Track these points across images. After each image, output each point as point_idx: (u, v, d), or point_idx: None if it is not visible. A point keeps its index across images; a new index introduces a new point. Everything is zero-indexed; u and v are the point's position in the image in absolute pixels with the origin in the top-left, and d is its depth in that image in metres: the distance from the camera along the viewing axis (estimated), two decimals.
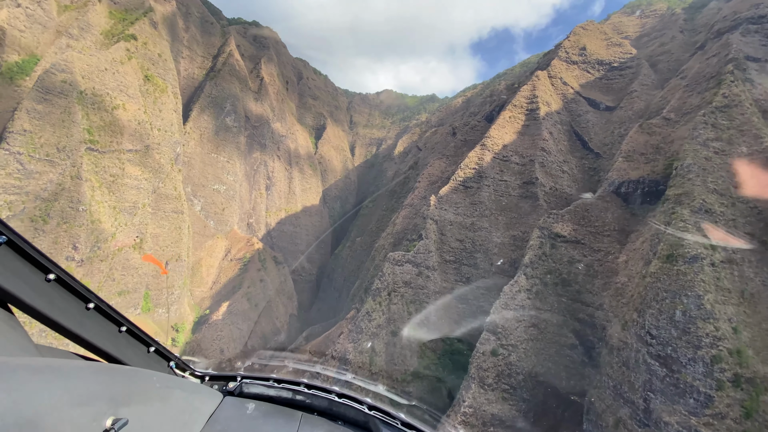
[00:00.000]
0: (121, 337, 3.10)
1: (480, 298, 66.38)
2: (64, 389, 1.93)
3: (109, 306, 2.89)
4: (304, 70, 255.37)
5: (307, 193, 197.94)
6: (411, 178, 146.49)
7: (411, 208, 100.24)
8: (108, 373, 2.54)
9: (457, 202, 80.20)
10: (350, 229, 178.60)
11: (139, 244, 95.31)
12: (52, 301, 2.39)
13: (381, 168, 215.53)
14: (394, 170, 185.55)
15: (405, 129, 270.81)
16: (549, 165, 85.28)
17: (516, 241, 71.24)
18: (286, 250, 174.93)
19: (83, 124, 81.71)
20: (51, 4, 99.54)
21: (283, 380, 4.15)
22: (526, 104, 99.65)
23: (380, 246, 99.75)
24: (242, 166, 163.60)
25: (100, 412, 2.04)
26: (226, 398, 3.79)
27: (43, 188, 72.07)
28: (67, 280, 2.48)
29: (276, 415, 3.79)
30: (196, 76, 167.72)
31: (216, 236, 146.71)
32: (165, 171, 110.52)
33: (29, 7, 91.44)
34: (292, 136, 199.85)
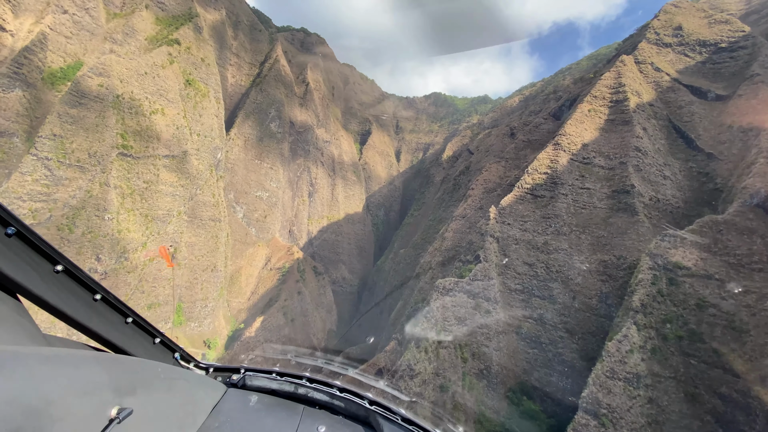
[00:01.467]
0: (128, 328, 3.10)
1: (558, 343, 50.85)
2: (71, 378, 1.97)
3: (115, 297, 2.91)
4: (351, 75, 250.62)
5: (350, 201, 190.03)
6: (462, 185, 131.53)
7: (463, 221, 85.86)
8: (114, 364, 2.54)
9: (524, 215, 64.90)
10: (394, 239, 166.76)
11: (173, 253, 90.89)
12: (60, 292, 2.43)
13: (428, 174, 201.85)
14: (442, 176, 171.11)
15: (454, 132, 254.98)
16: (646, 169, 66.75)
17: (608, 268, 54.45)
18: (327, 260, 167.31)
19: (117, 128, 78.36)
20: (100, 12, 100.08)
21: (285, 373, 4.17)
22: (609, 95, 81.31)
23: (426, 263, 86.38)
24: (285, 173, 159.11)
25: (106, 402, 2.10)
26: (229, 390, 3.86)
27: (72, 195, 68.61)
28: (74, 271, 2.51)
29: (278, 407, 3.83)
30: (243, 83, 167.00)
31: (257, 244, 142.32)
32: (203, 177, 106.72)
33: (76, 14, 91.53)
34: (336, 142, 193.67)
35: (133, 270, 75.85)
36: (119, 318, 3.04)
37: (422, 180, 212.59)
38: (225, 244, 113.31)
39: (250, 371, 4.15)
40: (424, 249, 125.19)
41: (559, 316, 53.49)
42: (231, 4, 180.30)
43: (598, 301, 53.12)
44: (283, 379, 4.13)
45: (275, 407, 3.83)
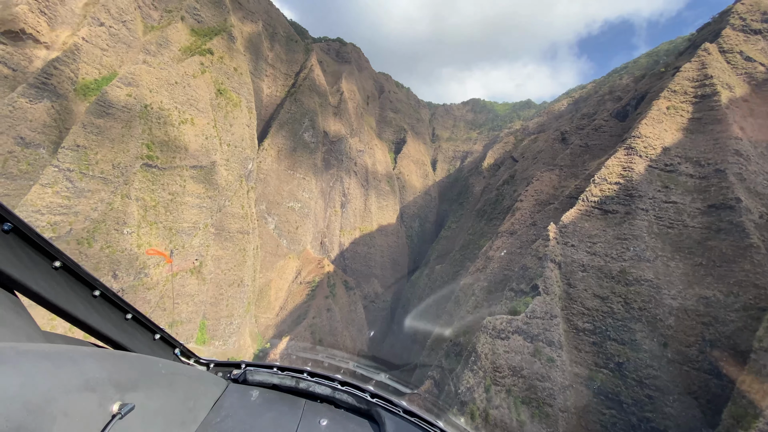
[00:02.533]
0: (127, 324, 3.11)
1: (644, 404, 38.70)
2: (71, 375, 1.96)
3: (114, 294, 2.90)
4: (386, 84, 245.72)
5: (383, 211, 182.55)
6: (506, 195, 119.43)
7: (512, 239, 74.64)
8: (114, 360, 2.52)
9: (591, 235, 53.15)
10: (429, 253, 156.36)
11: (198, 268, 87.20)
12: (58, 288, 2.42)
13: (466, 183, 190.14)
14: (482, 186, 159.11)
15: (494, 139, 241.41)
16: (751, 178, 52.76)
17: (711, 307, 41.43)
18: (359, 273, 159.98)
19: (143, 139, 75.95)
20: (137, 24, 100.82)
21: (286, 368, 4.21)
22: (692, 89, 67.50)
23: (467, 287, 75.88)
24: (318, 183, 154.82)
25: (107, 398, 2.10)
26: (230, 385, 3.87)
27: (94, 208, 66.00)
28: (73, 267, 2.51)
29: (279, 402, 3.85)
30: (278, 94, 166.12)
31: (288, 256, 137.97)
32: (233, 188, 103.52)
33: (113, 27, 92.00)
34: (369, 151, 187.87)
35: (153, 286, 72.07)
36: (119, 314, 3.01)
37: (460, 190, 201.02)
38: (254, 257, 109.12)
39: (250, 366, 4.15)
40: (463, 266, 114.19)
41: (645, 368, 41.23)
42: (269, 16, 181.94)
43: (699, 351, 40.35)
44: (284, 374, 4.12)
45: (277, 402, 3.82)
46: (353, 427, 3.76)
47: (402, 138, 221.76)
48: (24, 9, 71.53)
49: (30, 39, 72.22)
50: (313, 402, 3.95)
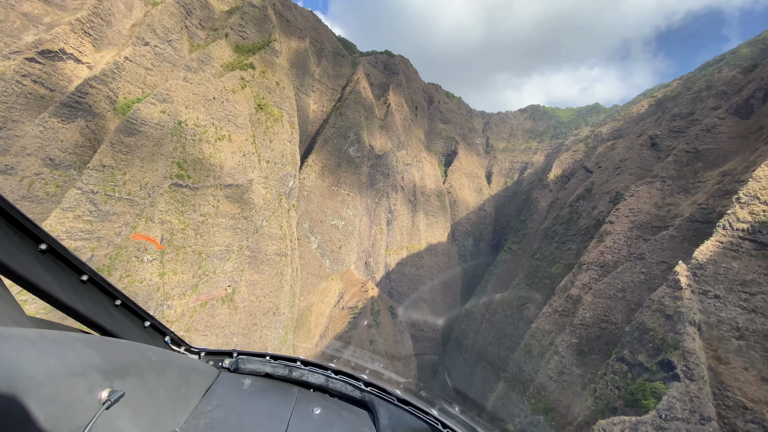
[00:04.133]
0: (116, 311, 3.04)
1: None
2: (59, 360, 1.93)
3: (103, 279, 2.82)
4: (436, 94, 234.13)
5: (432, 229, 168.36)
6: (582, 213, 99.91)
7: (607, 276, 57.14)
8: (103, 346, 2.47)
9: (746, 282, 35.57)
10: (486, 277, 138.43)
11: (230, 295, 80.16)
12: (44, 273, 2.34)
13: (528, 197, 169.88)
14: (548, 200, 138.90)
15: (558, 148, 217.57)
16: None
17: None
18: (406, 297, 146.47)
19: (174, 157, 70.99)
20: (183, 44, 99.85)
21: (279, 356, 4.15)
22: None
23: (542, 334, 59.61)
24: (363, 199, 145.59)
25: (96, 384, 2.07)
26: (222, 374, 3.84)
27: (118, 232, 60.99)
28: (60, 251, 2.43)
29: (272, 390, 3.82)
30: (325, 109, 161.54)
31: (330, 277, 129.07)
32: (271, 207, 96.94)
33: (158, 46, 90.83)
34: (418, 164, 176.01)
35: (177, 319, 65.26)
36: (108, 300, 2.91)
37: (520, 205, 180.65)
38: (292, 282, 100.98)
39: (242, 355, 4.08)
40: (529, 298, 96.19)
41: None
42: (316, 33, 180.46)
43: None
44: (277, 362, 4.06)
45: (269, 390, 3.78)
46: (347, 415, 3.70)
47: (453, 149, 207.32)
48: (66, 29, 70.78)
49: (71, 59, 71.19)
50: (307, 391, 3.89)
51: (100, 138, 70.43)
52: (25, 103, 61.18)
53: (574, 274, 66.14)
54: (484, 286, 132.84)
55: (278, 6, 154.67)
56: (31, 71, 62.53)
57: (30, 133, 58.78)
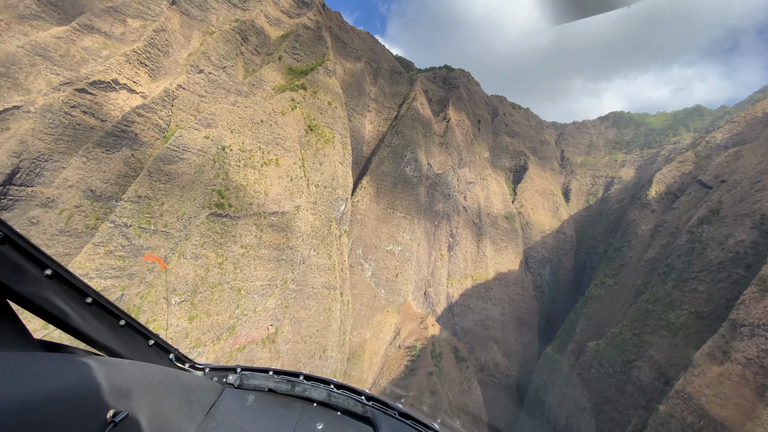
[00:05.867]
0: (121, 331, 3.08)
1: None
2: (65, 382, 1.97)
3: (107, 300, 2.91)
4: (500, 106, 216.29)
5: (501, 255, 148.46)
6: (710, 242, 75.69)
7: None
8: (108, 366, 2.51)
9: None
10: (573, 317, 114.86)
11: (273, 336, 71.62)
12: (50, 296, 2.41)
13: (620, 220, 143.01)
14: (651, 223, 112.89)
15: (653, 159, 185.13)
16: None
17: None
18: (473, 336, 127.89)
19: (215, 184, 65.57)
20: (238, 70, 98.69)
21: (282, 372, 4.21)
22: None
23: (676, 423, 40.11)
24: (421, 222, 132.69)
25: (101, 405, 2.10)
26: (226, 390, 3.88)
27: (150, 269, 55.59)
28: (64, 275, 2.51)
29: (275, 405, 3.86)
30: (381, 129, 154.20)
31: (386, 309, 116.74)
32: (320, 235, 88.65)
33: (213, 73, 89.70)
34: (482, 182, 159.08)
35: None
36: (112, 321, 2.97)
37: (609, 227, 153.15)
38: (341, 318, 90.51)
39: (246, 371, 4.11)
40: (641, 355, 73.98)
41: None
42: (373, 53, 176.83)
43: None
44: (280, 378, 4.08)
45: (273, 406, 3.82)
46: (350, 430, 3.72)
47: (522, 165, 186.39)
48: (120, 60, 70.75)
49: (124, 89, 70.73)
50: (310, 406, 3.91)
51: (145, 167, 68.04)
52: (73, 135, 59.98)
53: (726, 337, 45.58)
54: (570, 328, 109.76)
55: (334, 29, 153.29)
56: (81, 102, 61.67)
57: (73, 165, 56.65)
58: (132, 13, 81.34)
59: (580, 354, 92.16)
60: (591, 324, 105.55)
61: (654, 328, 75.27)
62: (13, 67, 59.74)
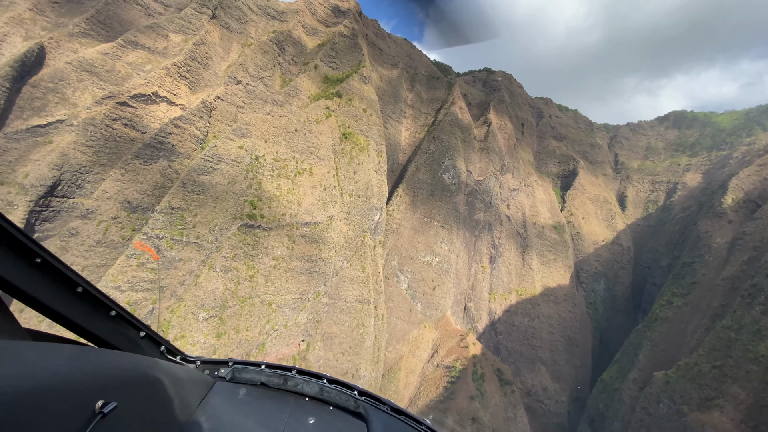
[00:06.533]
0: (112, 322, 3.05)
1: None
2: (52, 372, 1.95)
3: (98, 290, 2.86)
4: (545, 108, 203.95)
5: (549, 268, 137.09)
6: None
7: None
8: (98, 357, 2.52)
9: None
10: (634, 340, 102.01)
11: (304, 353, 68.60)
12: (39, 285, 2.39)
13: (684, 229, 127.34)
14: (728, 236, 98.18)
15: (723, 163, 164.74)
16: None
17: None
18: (518, 356, 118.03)
19: (247, 195, 64.11)
20: (275, 80, 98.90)
21: (274, 365, 4.16)
22: None
23: None
24: (460, 232, 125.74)
25: (89, 396, 2.08)
26: (217, 383, 3.85)
27: (181, 281, 54.62)
28: (54, 263, 2.46)
29: (267, 399, 3.85)
30: (418, 135, 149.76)
31: (423, 324, 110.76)
32: (353, 246, 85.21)
33: (250, 84, 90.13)
34: (527, 189, 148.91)
35: None
36: (103, 311, 2.94)
37: (674, 239, 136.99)
38: (375, 334, 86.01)
39: (238, 364, 4.06)
40: (720, 390, 62.71)
41: None
42: (409, 59, 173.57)
43: None
44: (272, 372, 4.05)
45: (264, 399, 3.80)
46: (341, 424, 3.70)
47: (571, 170, 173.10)
48: (161, 73, 72.09)
49: (164, 102, 71.89)
50: (302, 400, 3.88)
51: (179, 178, 68.24)
52: (113, 147, 61.03)
53: None
54: (632, 352, 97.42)
55: (371, 36, 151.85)
56: (122, 115, 62.84)
57: (112, 176, 57.26)
58: (174, 29, 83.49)
59: (645, 384, 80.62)
60: (657, 350, 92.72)
61: (739, 360, 63.57)
62: (61, 82, 62.13)
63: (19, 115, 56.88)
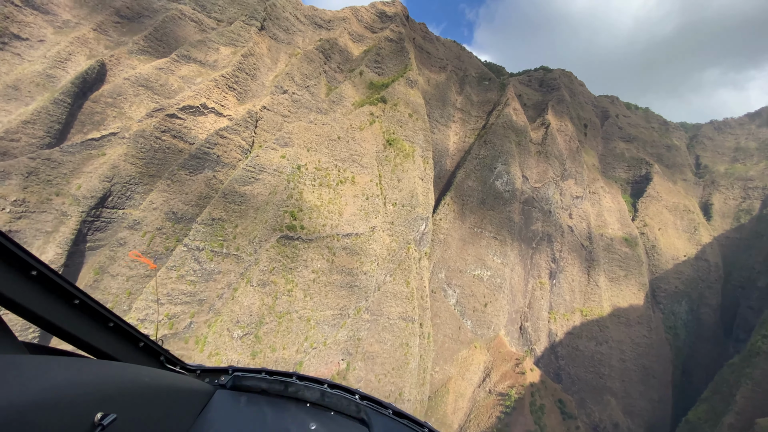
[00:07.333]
0: (110, 333, 3.05)
1: None
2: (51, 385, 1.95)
3: (95, 301, 2.83)
4: (611, 107, 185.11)
5: (619, 286, 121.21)
6: None
7: None
8: (96, 369, 2.50)
9: None
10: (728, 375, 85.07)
11: (344, 372, 64.36)
12: (36, 297, 2.39)
13: None
14: None
15: None
16: None
17: None
18: (583, 384, 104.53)
19: (289, 205, 61.75)
20: (321, 88, 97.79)
21: (275, 372, 4.17)
22: None
23: None
24: (515, 244, 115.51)
25: (89, 408, 2.07)
26: (218, 392, 3.83)
27: (220, 294, 53.01)
28: (50, 275, 2.45)
29: (268, 406, 3.82)
30: (468, 140, 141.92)
31: (473, 344, 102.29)
32: (396, 259, 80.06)
33: (296, 93, 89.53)
34: (592, 196, 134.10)
35: None
36: (101, 322, 2.94)
37: None
38: (421, 354, 79.69)
39: (238, 371, 4.07)
40: None
41: None
42: (459, 61, 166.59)
43: None
44: (273, 378, 4.04)
45: (266, 407, 3.79)
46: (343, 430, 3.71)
47: (644, 174, 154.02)
48: (209, 86, 72.97)
49: (212, 113, 72.59)
50: (303, 406, 3.88)
51: (220, 189, 67.94)
52: (162, 158, 61.85)
53: None
54: (725, 390, 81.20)
55: (418, 40, 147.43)
56: (171, 126, 63.72)
57: (158, 187, 57.64)
58: (224, 42, 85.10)
59: None
60: (759, 390, 75.99)
61: None
62: (119, 97, 64.52)
63: (80, 129, 59.44)
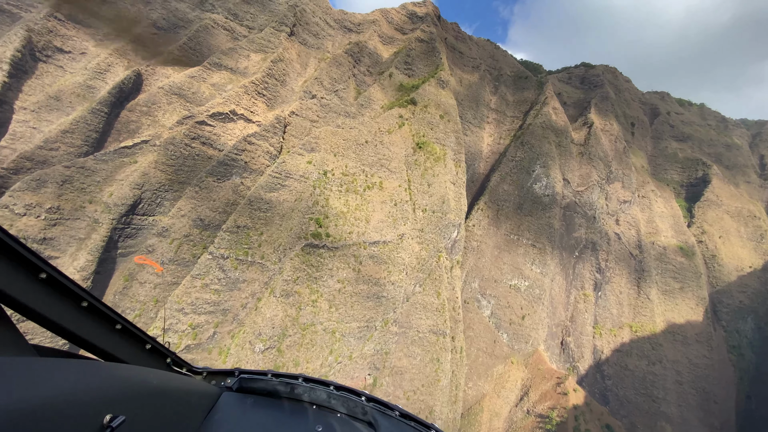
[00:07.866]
0: (117, 335, 3.08)
1: None
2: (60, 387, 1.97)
3: (103, 304, 2.86)
4: (661, 104, 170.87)
5: (674, 300, 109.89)
6: None
7: None
8: (104, 371, 2.54)
9: None
10: None
11: (371, 388, 61.33)
12: (44, 300, 2.41)
13: None
14: None
15: None
16: None
17: None
18: (633, 408, 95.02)
19: (314, 212, 59.92)
20: (349, 92, 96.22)
21: (281, 374, 4.19)
22: None
23: None
24: (555, 253, 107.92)
25: (97, 410, 2.10)
26: (224, 394, 3.84)
27: (244, 304, 51.80)
28: (59, 278, 2.48)
29: (275, 409, 3.84)
30: (503, 142, 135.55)
31: (509, 359, 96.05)
32: (427, 268, 76.21)
33: (325, 98, 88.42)
34: (641, 201, 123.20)
35: None
36: (108, 325, 2.97)
37: None
38: (453, 370, 75.11)
39: (244, 374, 4.10)
40: None
41: None
42: (493, 60, 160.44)
43: None
44: (279, 380, 4.05)
45: (272, 409, 3.80)
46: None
47: (699, 177, 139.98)
48: (239, 92, 73.05)
49: (241, 119, 72.58)
50: (309, 408, 3.90)
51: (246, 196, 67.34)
52: (192, 165, 62.08)
53: None
54: None
55: (450, 39, 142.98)
56: (201, 133, 63.95)
57: (187, 194, 57.63)
58: (254, 48, 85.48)
59: None
60: None
61: None
62: (154, 106, 65.71)
63: (116, 138, 60.82)
